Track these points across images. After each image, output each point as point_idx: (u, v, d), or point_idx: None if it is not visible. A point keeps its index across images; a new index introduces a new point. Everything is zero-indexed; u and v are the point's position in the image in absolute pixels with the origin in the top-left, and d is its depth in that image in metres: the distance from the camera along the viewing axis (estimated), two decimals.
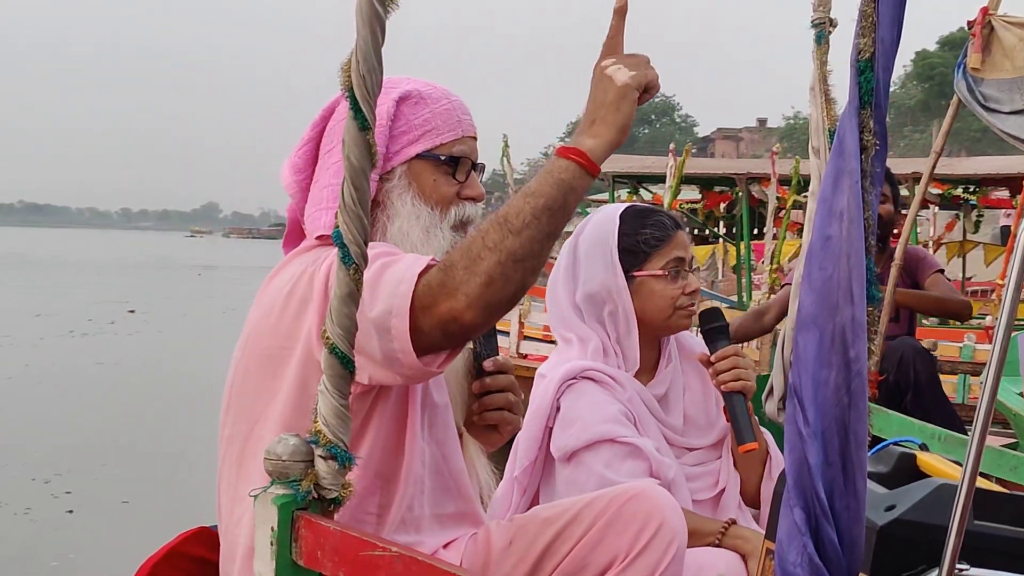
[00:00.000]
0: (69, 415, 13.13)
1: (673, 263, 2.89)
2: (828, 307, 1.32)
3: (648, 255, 2.89)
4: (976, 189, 16.46)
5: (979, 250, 18.16)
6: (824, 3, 3.04)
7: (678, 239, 2.92)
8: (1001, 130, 5.43)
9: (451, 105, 2.29)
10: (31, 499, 9.09)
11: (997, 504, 1.57)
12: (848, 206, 1.33)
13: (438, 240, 2.21)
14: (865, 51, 1.35)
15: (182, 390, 14.42)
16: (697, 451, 2.91)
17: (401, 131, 2.25)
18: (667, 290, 2.89)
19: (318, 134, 2.31)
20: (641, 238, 2.90)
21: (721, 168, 20.24)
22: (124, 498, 9.22)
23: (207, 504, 2.46)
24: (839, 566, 1.35)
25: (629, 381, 2.87)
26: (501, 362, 2.35)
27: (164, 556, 2.31)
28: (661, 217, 2.96)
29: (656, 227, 2.91)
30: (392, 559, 1.70)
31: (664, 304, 2.89)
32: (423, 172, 2.25)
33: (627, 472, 2.69)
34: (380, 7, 1.68)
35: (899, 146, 65.08)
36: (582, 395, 2.78)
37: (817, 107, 3.07)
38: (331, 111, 2.30)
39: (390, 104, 2.23)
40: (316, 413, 1.80)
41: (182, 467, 9.92)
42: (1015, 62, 5.37)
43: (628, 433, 2.75)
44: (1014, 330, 1.39)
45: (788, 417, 1.36)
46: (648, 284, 2.89)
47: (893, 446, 1.76)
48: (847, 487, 1.34)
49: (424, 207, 2.23)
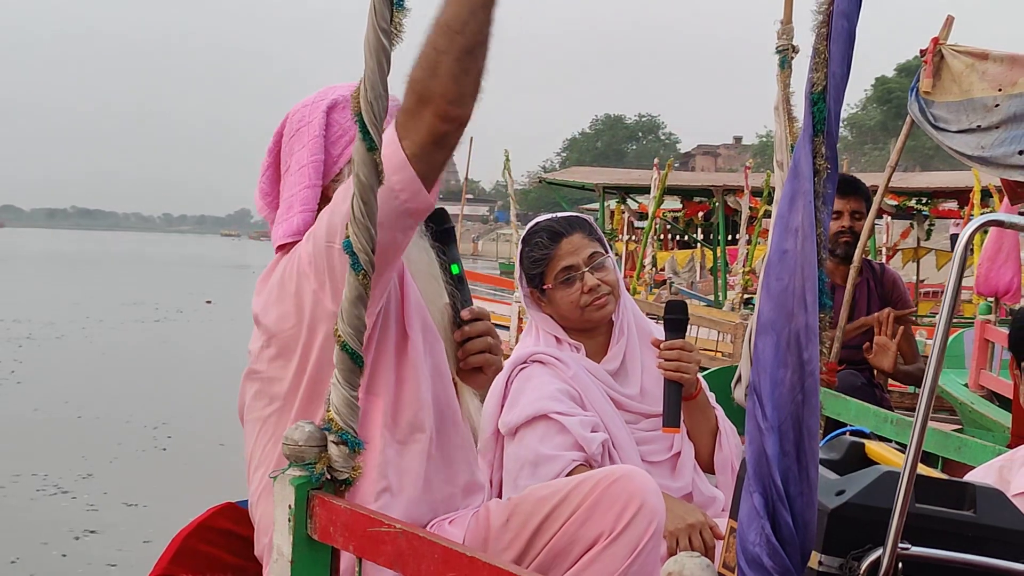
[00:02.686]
0: (176, 378, 15.35)
1: (562, 273, 2.91)
2: (784, 314, 1.33)
3: (541, 273, 2.93)
4: (928, 201, 16.52)
5: (931, 256, 18.22)
6: (787, 32, 3.04)
7: (561, 249, 2.91)
8: (950, 148, 5.42)
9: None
10: (143, 443, 10.85)
11: (936, 489, 1.57)
12: (802, 223, 1.33)
13: None
14: (818, 84, 1.35)
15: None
16: (654, 418, 2.91)
17: (337, 136, 2.23)
18: (567, 296, 2.91)
19: (275, 159, 2.30)
20: (528, 261, 2.96)
21: (700, 181, 20.31)
22: (221, 442, 10.21)
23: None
24: (794, 545, 1.35)
25: (575, 360, 2.90)
26: (477, 310, 2.35)
27: (194, 529, 2.31)
28: (540, 236, 2.95)
29: (535, 247, 2.94)
30: (396, 535, 1.70)
31: (571, 306, 2.92)
32: None
33: (558, 446, 2.73)
34: (386, 40, 1.69)
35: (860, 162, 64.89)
36: (529, 378, 2.85)
37: (781, 124, 3.08)
38: (278, 137, 2.30)
39: (320, 116, 2.22)
40: (328, 403, 1.81)
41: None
42: (962, 87, 5.37)
43: (562, 408, 2.78)
44: (956, 328, 1.39)
45: (748, 412, 1.36)
46: (552, 294, 2.94)
47: (844, 436, 1.76)
48: (801, 475, 1.34)
49: None
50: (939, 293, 18.95)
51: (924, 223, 17.06)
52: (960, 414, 6.10)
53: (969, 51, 5.41)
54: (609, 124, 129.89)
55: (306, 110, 2.25)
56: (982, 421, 5.73)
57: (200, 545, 2.30)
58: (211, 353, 18.08)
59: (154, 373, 15.85)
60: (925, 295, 19.34)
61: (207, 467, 9.44)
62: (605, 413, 2.85)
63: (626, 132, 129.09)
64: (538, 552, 2.13)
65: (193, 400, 13.30)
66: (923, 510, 1.52)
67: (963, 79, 5.38)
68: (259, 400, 2.22)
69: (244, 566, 2.33)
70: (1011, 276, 7.09)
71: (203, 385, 14.35)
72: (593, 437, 2.76)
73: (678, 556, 1.30)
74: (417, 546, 1.67)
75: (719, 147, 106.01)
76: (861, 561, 1.48)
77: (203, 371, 16.03)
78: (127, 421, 11.84)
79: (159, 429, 11.45)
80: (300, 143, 2.23)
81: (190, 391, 14.18)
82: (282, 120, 2.30)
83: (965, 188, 13.72)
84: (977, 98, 5.28)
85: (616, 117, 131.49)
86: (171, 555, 2.24)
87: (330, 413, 1.80)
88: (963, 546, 1.52)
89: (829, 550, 1.49)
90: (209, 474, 8.86)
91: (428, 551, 1.65)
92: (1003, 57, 5.24)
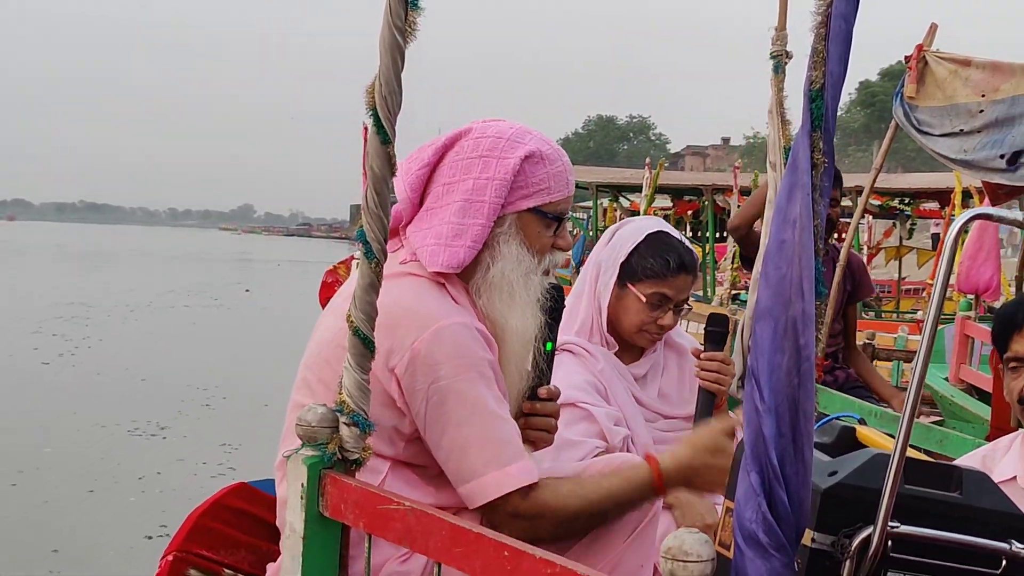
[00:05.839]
0: (225, 350, 16.89)
1: (657, 297, 2.85)
2: (782, 301, 1.34)
3: (641, 279, 2.86)
4: (910, 201, 16.54)
5: (913, 254, 18.24)
6: (781, 39, 3.05)
7: (676, 281, 2.87)
8: (933, 151, 5.45)
9: (564, 167, 2.24)
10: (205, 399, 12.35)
11: (924, 471, 1.58)
12: (800, 215, 1.34)
13: (533, 284, 2.19)
14: (816, 82, 1.36)
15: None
16: (671, 419, 2.92)
17: (519, 185, 2.18)
18: (641, 313, 2.86)
19: (438, 160, 2.22)
20: (646, 263, 2.86)
21: (690, 180, 20.27)
22: (265, 402, 10.82)
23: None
24: (789, 523, 1.37)
25: (604, 355, 2.88)
26: (553, 391, 2.35)
27: (208, 507, 2.32)
28: (671, 256, 2.88)
29: (663, 263, 2.86)
30: (404, 512, 1.71)
31: (634, 322, 2.88)
32: (531, 223, 2.20)
33: (582, 432, 2.72)
34: (400, 38, 1.70)
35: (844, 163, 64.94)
36: (560, 366, 2.80)
37: (775, 127, 3.09)
38: (453, 143, 2.23)
39: (516, 160, 2.17)
40: (341, 386, 1.82)
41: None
42: (945, 92, 5.39)
43: (589, 400, 2.76)
44: (940, 323, 1.41)
45: (746, 395, 1.38)
46: (630, 298, 2.88)
47: (836, 420, 1.78)
48: (796, 455, 1.36)
49: (527, 254, 2.19)
50: (920, 290, 19.01)
51: (906, 222, 17.08)
52: (941, 407, 6.13)
53: (952, 58, 5.43)
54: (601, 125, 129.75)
55: (502, 143, 2.19)
56: (962, 414, 5.76)
57: (214, 523, 2.30)
58: (252, 332, 20.23)
59: (209, 346, 17.60)
60: (907, 292, 19.40)
61: (256, 423, 9.97)
62: (627, 409, 2.84)
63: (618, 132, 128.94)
64: None
65: (243, 367, 14.98)
66: (912, 491, 1.53)
67: (947, 85, 5.40)
68: (299, 391, 2.21)
69: (256, 544, 2.34)
70: (991, 274, 7.14)
71: (249, 358, 16.00)
72: (617, 430, 2.75)
73: (678, 532, 1.32)
74: (426, 523, 1.68)
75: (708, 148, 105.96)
76: (852, 538, 1.49)
77: (248, 345, 17.92)
78: (188, 384, 13.05)
79: (211, 391, 12.81)
80: (487, 173, 2.17)
81: (238, 361, 15.73)
82: (465, 129, 2.24)
83: (946, 189, 13.72)
84: (960, 103, 5.30)
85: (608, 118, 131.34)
86: (186, 532, 2.25)
87: (342, 395, 1.81)
88: (949, 526, 1.54)
89: (822, 528, 1.51)
90: (259, 428, 9.22)
91: (436, 528, 1.66)
92: (986, 64, 5.27)
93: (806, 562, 1.51)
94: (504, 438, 2.06)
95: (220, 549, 2.31)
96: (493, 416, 2.05)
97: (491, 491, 2.02)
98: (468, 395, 2.03)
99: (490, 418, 2.05)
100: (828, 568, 1.51)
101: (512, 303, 2.16)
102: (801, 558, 1.49)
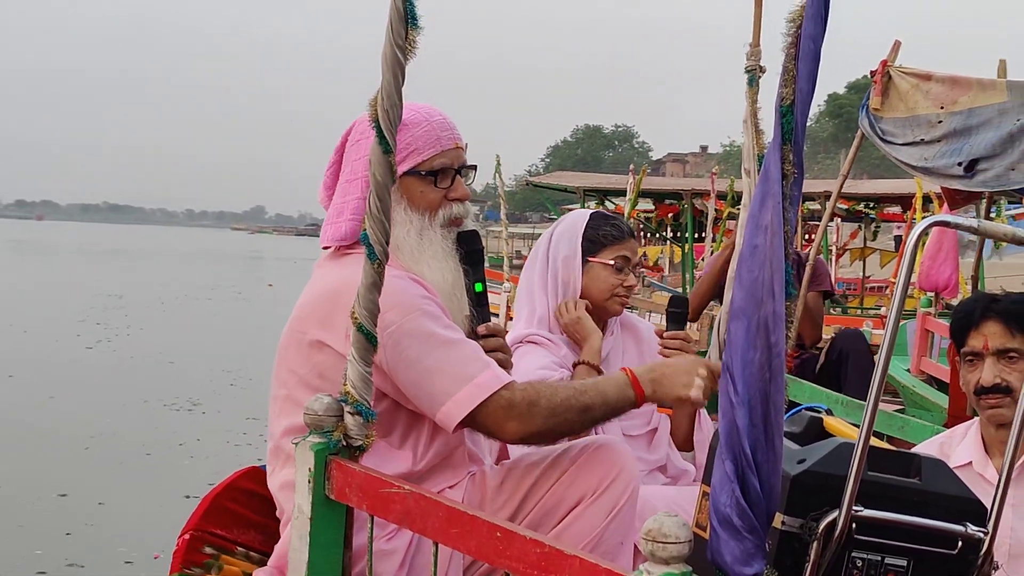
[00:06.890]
0: (250, 337, 16.84)
1: (621, 259, 2.91)
2: (754, 301, 1.34)
3: (603, 246, 2.91)
4: (875, 205, 16.58)
5: (877, 255, 18.29)
6: (755, 54, 3.05)
7: (629, 244, 2.95)
8: (896, 159, 5.46)
9: (431, 126, 2.23)
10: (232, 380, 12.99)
11: (887, 459, 1.59)
12: (772, 222, 1.34)
13: (430, 239, 2.20)
14: (787, 98, 1.36)
15: None
16: None
17: None
18: (610, 278, 2.90)
19: (340, 157, 2.29)
20: (601, 232, 2.92)
21: (671, 185, 20.32)
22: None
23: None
24: (760, 507, 1.37)
25: (567, 343, 2.89)
26: (492, 326, 2.36)
27: (223, 489, 2.31)
28: (619, 223, 2.98)
29: (614, 228, 2.94)
30: (405, 495, 1.72)
31: (605, 288, 2.90)
32: (411, 186, 2.21)
33: (540, 358, 2.75)
34: (401, 55, 1.71)
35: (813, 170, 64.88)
36: (524, 356, 2.82)
37: (749, 136, 3.09)
38: (345, 137, 2.29)
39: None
40: (345, 377, 1.82)
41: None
42: (908, 104, 5.40)
43: (557, 376, 2.76)
44: (903, 319, 1.41)
45: (721, 388, 1.38)
46: (597, 269, 2.91)
47: (804, 411, 1.78)
48: (768, 444, 1.36)
49: (415, 215, 2.21)
50: (883, 288, 19.06)
51: (871, 225, 17.18)
52: (903, 396, 6.15)
53: (914, 72, 5.44)
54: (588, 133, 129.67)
55: (365, 125, 2.20)
56: (922, 403, 5.78)
57: (228, 504, 2.30)
58: (273, 322, 19.30)
59: (234, 335, 18.10)
60: (870, 290, 19.46)
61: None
62: None
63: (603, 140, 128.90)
64: (529, 511, 2.15)
65: (268, 352, 14.65)
66: (874, 477, 1.54)
67: (909, 97, 5.40)
68: (275, 379, 2.24)
69: (266, 524, 2.34)
70: (949, 273, 7.16)
71: (269, 344, 15.50)
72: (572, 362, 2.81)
73: (657, 515, 1.32)
74: (424, 506, 1.69)
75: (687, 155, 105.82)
76: (819, 521, 1.50)
77: (270, 332, 17.14)
78: (215, 368, 13.74)
79: (236, 373, 13.44)
80: (358, 153, 2.21)
81: (261, 348, 15.47)
82: (351, 123, 2.28)
83: (908, 194, 13.74)
84: (921, 115, 5.31)
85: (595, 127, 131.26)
86: (202, 512, 2.25)
87: (347, 386, 1.82)
88: (909, 509, 1.54)
89: (791, 511, 1.51)
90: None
91: (433, 510, 1.67)
92: (945, 79, 5.28)
93: (776, 543, 1.51)
94: (463, 358, 2.06)
95: (233, 528, 2.31)
96: (447, 342, 2.05)
97: (465, 404, 2.01)
98: (418, 332, 2.03)
99: (444, 345, 2.05)
100: (797, 549, 1.51)
101: (420, 259, 2.18)
102: (772, 540, 1.49)
